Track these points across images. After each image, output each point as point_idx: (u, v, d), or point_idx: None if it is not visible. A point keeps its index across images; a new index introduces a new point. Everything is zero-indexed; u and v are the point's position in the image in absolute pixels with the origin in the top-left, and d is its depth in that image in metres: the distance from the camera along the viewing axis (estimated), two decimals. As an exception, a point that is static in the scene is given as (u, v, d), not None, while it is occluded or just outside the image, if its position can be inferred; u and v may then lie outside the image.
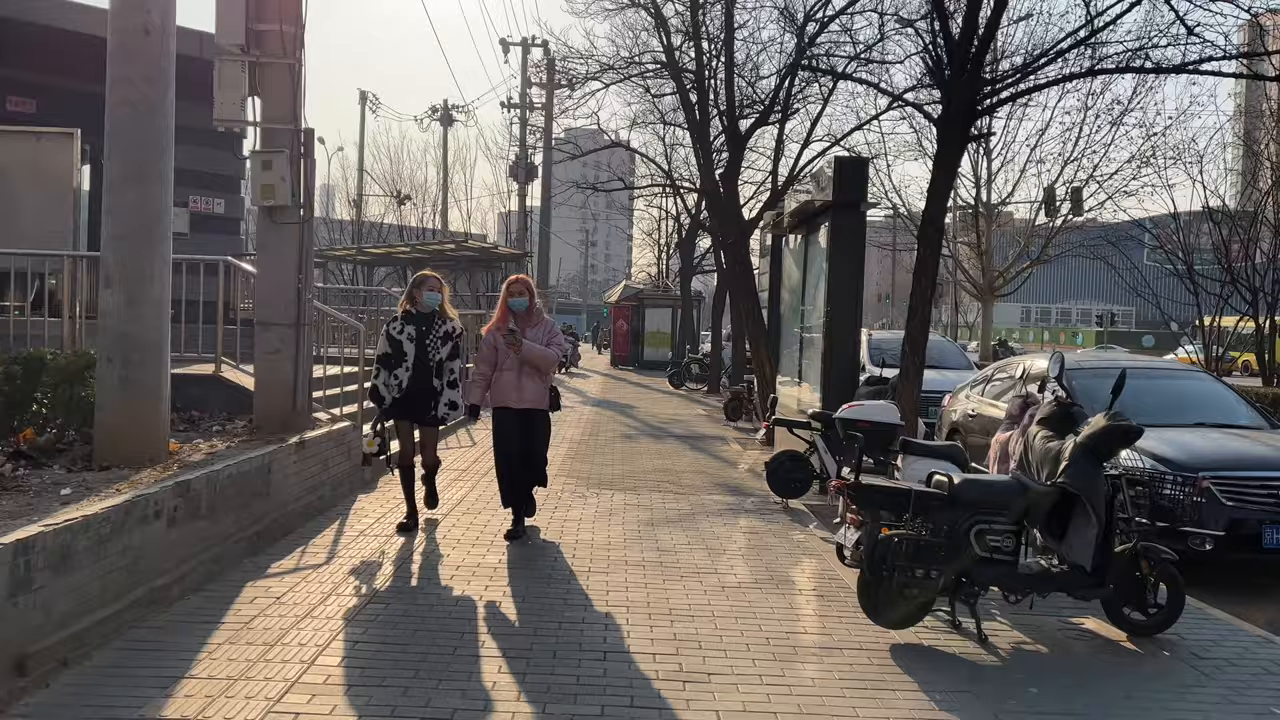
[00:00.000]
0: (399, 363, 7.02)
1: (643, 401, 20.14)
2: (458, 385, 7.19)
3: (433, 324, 7.10)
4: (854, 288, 9.50)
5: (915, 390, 8.13)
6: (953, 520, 5.00)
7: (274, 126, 8.16)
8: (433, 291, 7.18)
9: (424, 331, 7.07)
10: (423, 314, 7.13)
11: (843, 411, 6.80)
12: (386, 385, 7.07)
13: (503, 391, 6.92)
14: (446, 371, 7.13)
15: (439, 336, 7.08)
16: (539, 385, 6.96)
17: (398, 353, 7.03)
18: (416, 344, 7.02)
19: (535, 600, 5.47)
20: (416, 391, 7.03)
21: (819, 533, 7.62)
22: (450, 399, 7.15)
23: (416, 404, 7.07)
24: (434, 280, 7.26)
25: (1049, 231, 29.60)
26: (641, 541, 7.01)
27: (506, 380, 6.90)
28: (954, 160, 7.95)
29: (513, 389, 6.89)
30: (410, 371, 7.02)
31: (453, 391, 7.15)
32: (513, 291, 7.01)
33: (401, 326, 7.10)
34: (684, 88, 17.09)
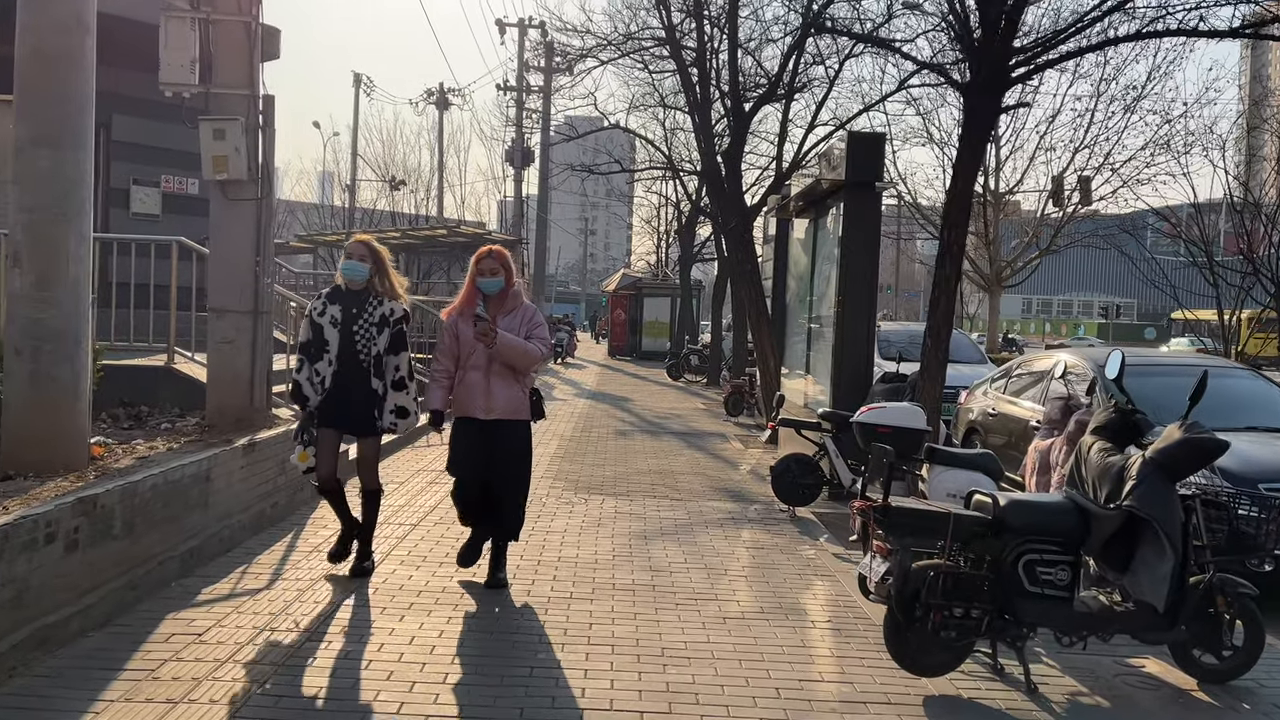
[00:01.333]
0: (320, 353, 5.40)
1: (639, 394, 19.35)
2: (407, 386, 5.56)
3: (364, 304, 5.40)
4: (868, 275, 8.72)
5: (938, 389, 7.34)
6: (998, 549, 4.22)
7: (228, 92, 7.36)
8: (355, 260, 5.41)
9: (352, 314, 5.38)
10: (351, 291, 5.43)
11: (861, 415, 6.01)
12: (310, 381, 5.42)
13: (466, 397, 5.33)
14: (390, 369, 5.48)
15: (372, 322, 5.38)
16: (515, 389, 5.33)
17: (318, 340, 5.41)
18: (341, 330, 5.36)
19: (505, 638, 4.68)
20: (345, 392, 5.40)
21: (831, 547, 6.83)
22: (397, 404, 5.51)
23: (348, 409, 5.42)
24: (359, 246, 5.48)
25: (1058, 221, 28.76)
26: (632, 559, 6.22)
27: (472, 382, 5.30)
28: (983, 134, 7.16)
29: (479, 394, 5.28)
30: (334, 366, 5.38)
31: (400, 394, 5.52)
32: (483, 269, 5.31)
33: (324, 306, 5.45)
34: (684, 65, 16.25)
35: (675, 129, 26.20)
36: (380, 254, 5.50)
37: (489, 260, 5.35)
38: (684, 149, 25.88)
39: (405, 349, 5.55)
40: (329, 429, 5.50)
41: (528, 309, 5.45)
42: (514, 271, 5.41)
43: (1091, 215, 29.45)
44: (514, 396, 5.34)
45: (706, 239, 31.15)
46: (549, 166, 33.40)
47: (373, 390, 5.45)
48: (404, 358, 5.55)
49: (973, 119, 7.03)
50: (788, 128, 15.87)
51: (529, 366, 5.40)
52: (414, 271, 28.83)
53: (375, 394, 5.46)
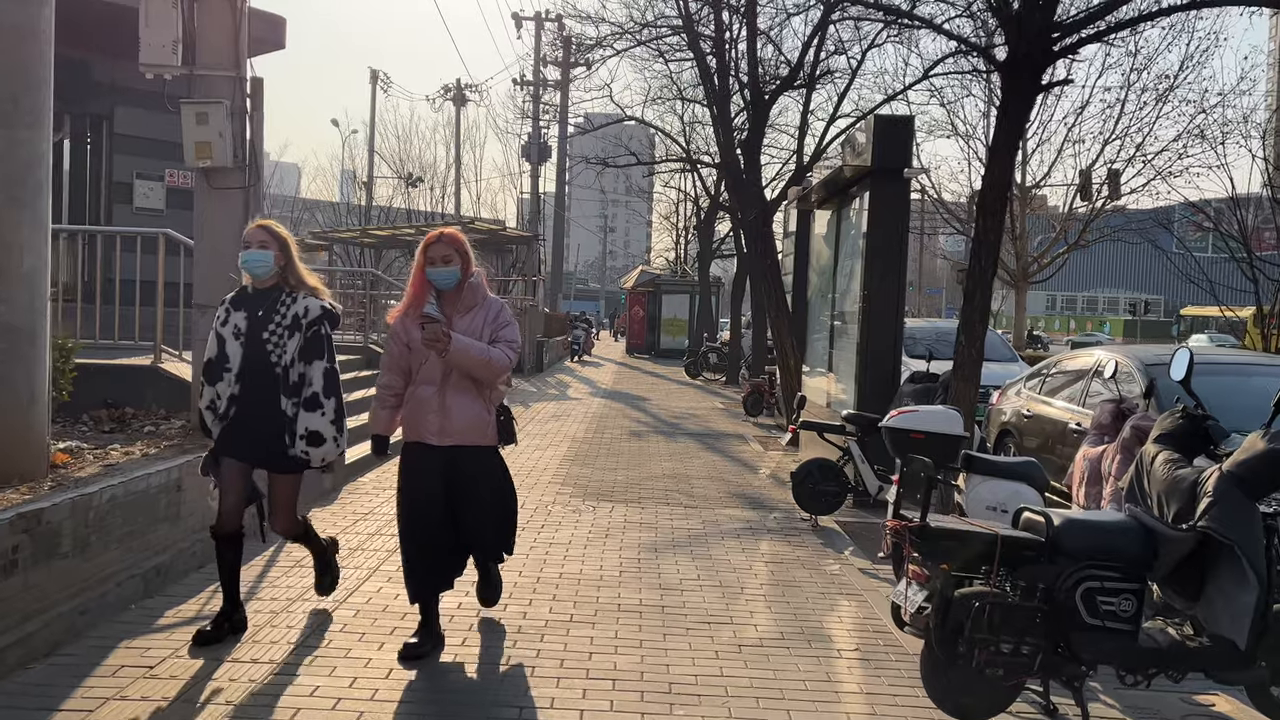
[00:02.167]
0: (219, 373, 4.29)
1: (656, 393, 18.85)
2: (322, 404, 4.32)
3: (273, 306, 4.31)
4: (896, 268, 8.20)
5: (974, 390, 6.80)
6: (1052, 575, 3.68)
7: (212, 74, 6.92)
8: (255, 249, 4.30)
9: (259, 319, 4.30)
10: (258, 291, 4.36)
11: (892, 419, 5.48)
12: (212, 409, 4.36)
13: (417, 417, 4.32)
14: (305, 383, 4.32)
15: (284, 325, 4.28)
16: (477, 408, 4.30)
17: (219, 357, 4.30)
18: (246, 339, 4.29)
19: (493, 671, 4.19)
20: (247, 416, 4.29)
21: (856, 561, 6.31)
22: (309, 428, 4.29)
23: (251, 437, 4.30)
24: (258, 232, 4.37)
25: (1088, 215, 27.98)
26: (641, 575, 5.73)
27: (423, 399, 4.29)
28: (1022, 114, 6.61)
29: (432, 413, 4.27)
30: (237, 384, 4.27)
31: (313, 415, 4.29)
32: (433, 256, 4.24)
33: (227, 314, 4.35)
34: (702, 55, 15.74)
35: (693, 122, 25.69)
36: (286, 239, 4.40)
37: (440, 246, 4.24)
38: (703, 142, 25.36)
39: (322, 357, 4.34)
40: (231, 460, 4.35)
41: (492, 304, 4.35)
42: (472, 259, 4.33)
43: (1119, 210, 28.67)
44: (476, 416, 4.29)
45: (726, 235, 30.60)
46: (566, 161, 32.94)
47: (282, 412, 4.29)
48: (319, 369, 4.33)
49: (1011, 98, 6.48)
50: (809, 119, 15.37)
51: (494, 378, 4.32)
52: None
53: (284, 416, 4.29)
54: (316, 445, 4.36)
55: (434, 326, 4.10)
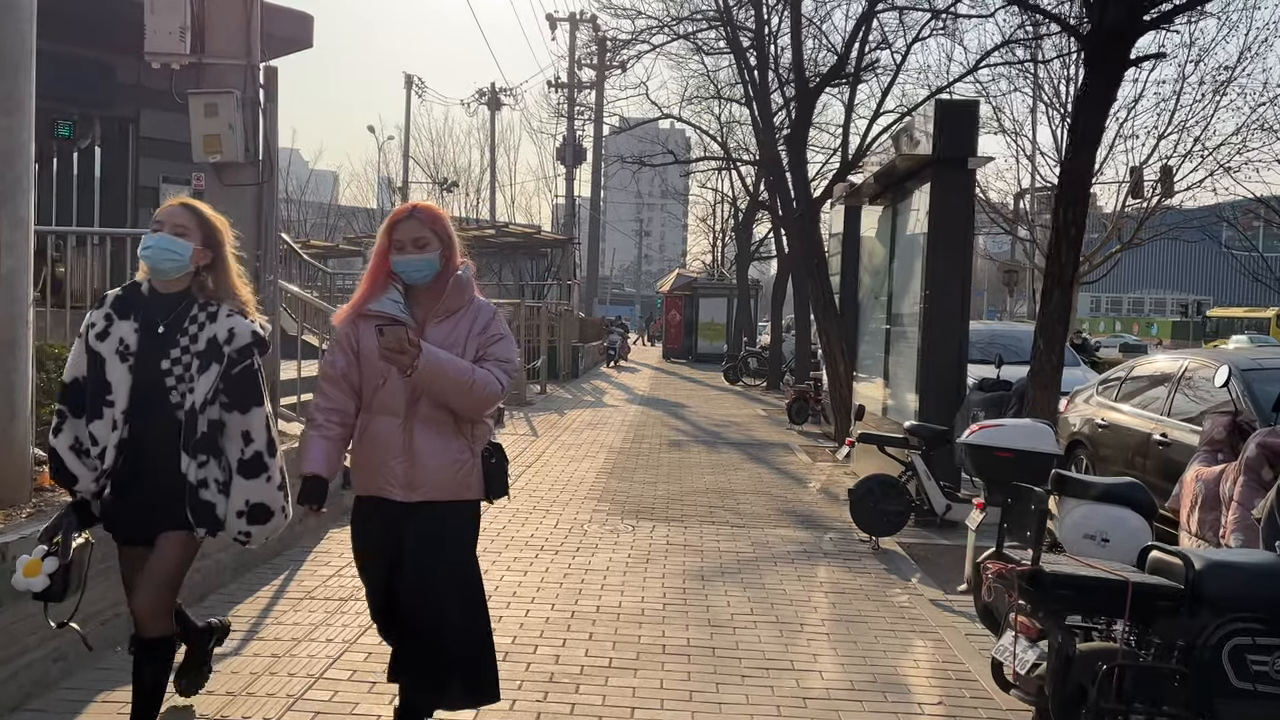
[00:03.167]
0: (98, 406, 2.99)
1: (695, 399, 18.24)
2: (266, 467, 3.12)
3: (181, 319, 3.05)
4: (960, 266, 7.55)
5: (1054, 399, 6.13)
6: (1194, 630, 3.05)
7: (221, 62, 6.47)
8: (167, 234, 3.03)
9: (157, 337, 3.02)
10: (160, 295, 3.08)
11: (973, 435, 4.84)
12: (78, 451, 3.04)
13: (373, 460, 3.11)
14: (233, 438, 3.08)
15: (195, 351, 3.01)
16: (455, 450, 3.11)
17: (96, 382, 3.01)
18: (137, 362, 3.01)
19: (522, 727, 3.63)
20: (142, 475, 3.03)
21: (927, 591, 5.67)
22: (251, 500, 3.10)
23: (144, 504, 3.04)
24: (176, 211, 3.10)
25: (1142, 213, 26.94)
26: (687, 608, 5.13)
27: (382, 436, 3.09)
28: (1107, 93, 5.95)
29: (394, 455, 3.07)
30: (125, 427, 2.99)
31: (257, 483, 3.11)
32: (400, 238, 3.08)
33: (107, 322, 3.04)
34: (742, 50, 15.14)
35: (730, 122, 25.09)
36: (217, 228, 3.14)
37: (410, 224, 3.06)
38: (741, 141, 24.76)
39: (260, 402, 3.09)
40: (129, 547, 3.15)
41: (481, 310, 3.16)
42: (457, 245, 3.15)
43: (1171, 208, 27.63)
44: (454, 461, 3.08)
45: (765, 235, 29.92)
46: (602, 163, 32.48)
47: (182, 475, 2.99)
48: (258, 418, 3.09)
49: (1096, 75, 5.82)
50: (853, 109, 14.68)
51: (478, 410, 3.09)
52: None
53: (187, 482, 2.99)
54: (261, 522, 3.10)
55: (396, 332, 2.86)
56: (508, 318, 17.45)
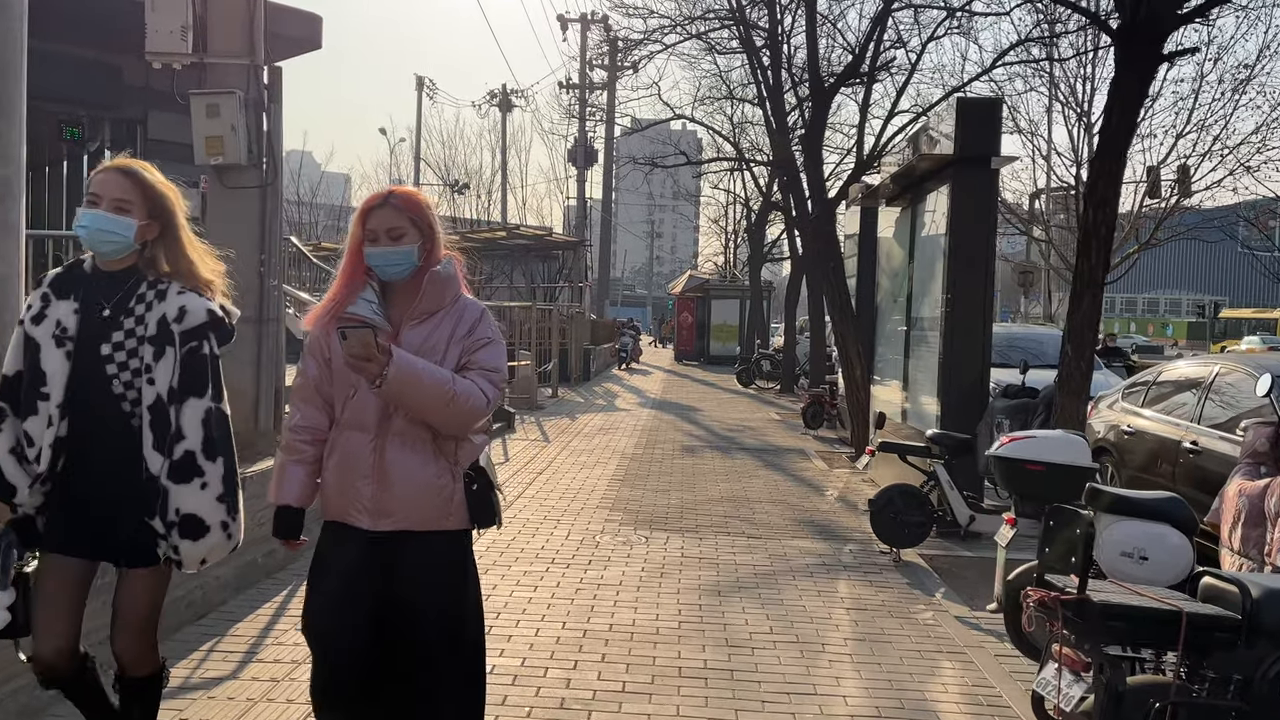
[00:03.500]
0: (32, 399, 2.59)
1: (707, 403, 18.03)
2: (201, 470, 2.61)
3: (127, 299, 2.65)
4: (982, 268, 7.33)
5: (1082, 406, 5.91)
6: (1251, 662, 2.83)
7: (224, 61, 6.30)
8: (105, 212, 2.59)
9: (101, 321, 2.62)
10: (104, 274, 2.68)
11: (1003, 448, 4.63)
12: (21, 457, 2.62)
13: (340, 481, 2.70)
14: (180, 429, 2.60)
15: (143, 335, 2.61)
16: (434, 470, 2.68)
17: (32, 371, 2.61)
18: (76, 349, 2.62)
19: (531, 759, 3.44)
20: (86, 480, 2.63)
21: (952, 606, 5.46)
22: (183, 509, 2.58)
23: (91, 515, 2.63)
24: (113, 178, 2.63)
25: (1159, 213, 26.61)
26: (704, 626, 4.93)
27: (351, 453, 2.68)
28: (1139, 89, 5.73)
29: (363, 477, 2.66)
30: (63, 422, 2.60)
31: (187, 489, 2.59)
32: (374, 227, 2.68)
33: (43, 304, 2.65)
34: (755, 49, 14.95)
35: (743, 122, 24.88)
36: (163, 195, 2.68)
37: (385, 211, 2.67)
38: (754, 141, 24.55)
39: (202, 392, 2.62)
40: (59, 556, 2.64)
41: (468, 309, 2.74)
42: (439, 236, 2.75)
43: (1189, 208, 27.30)
44: (430, 484, 2.65)
45: (778, 236, 29.70)
46: (614, 164, 32.32)
47: (149, 474, 2.59)
48: (194, 412, 2.60)
49: (1128, 71, 5.60)
50: (868, 114, 14.47)
51: (460, 425, 2.66)
52: (475, 276, 27.97)
53: (146, 481, 2.58)
54: (195, 537, 2.58)
55: (360, 335, 2.45)
56: (519, 320, 17.09)
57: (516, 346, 16.38)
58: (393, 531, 2.63)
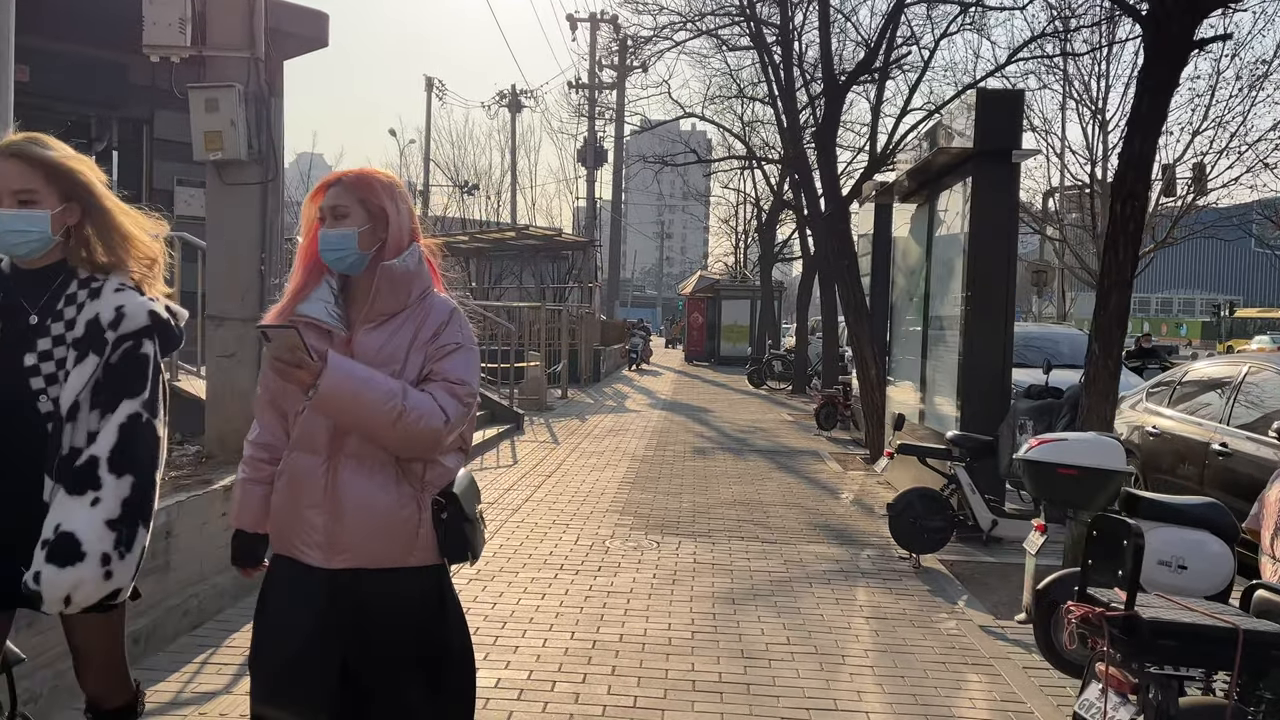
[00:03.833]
0: None
1: (718, 404, 17.83)
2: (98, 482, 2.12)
3: (56, 298, 2.24)
4: (1004, 265, 7.11)
5: (1111, 409, 5.69)
6: (1312, 684, 2.63)
7: (223, 54, 6.13)
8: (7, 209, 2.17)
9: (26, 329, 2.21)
10: (25, 273, 2.26)
11: (1033, 451, 4.42)
12: None
13: (289, 510, 2.31)
14: (95, 433, 2.16)
15: (74, 338, 2.19)
16: (392, 496, 2.27)
17: None
18: None
19: (538, 781, 3.25)
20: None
21: (976, 615, 5.25)
22: (65, 526, 2.09)
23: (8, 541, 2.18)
24: (14, 172, 2.17)
25: (1176, 211, 26.30)
26: (718, 637, 4.74)
27: (300, 473, 2.30)
28: (1170, 76, 5.51)
29: (312, 505, 2.28)
30: None
31: (75, 503, 2.11)
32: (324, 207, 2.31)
33: None
34: (766, 45, 14.75)
35: (753, 121, 24.69)
36: (72, 169, 2.25)
37: (335, 189, 2.31)
38: (765, 140, 24.35)
39: (136, 393, 2.19)
40: None
41: (436, 309, 2.35)
42: (396, 217, 2.33)
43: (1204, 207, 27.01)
44: (389, 513, 2.26)
45: (789, 236, 29.48)
46: (623, 163, 32.14)
47: (30, 498, 2.20)
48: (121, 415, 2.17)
49: (1159, 58, 5.39)
50: (880, 110, 14.26)
51: (415, 448, 2.26)
52: (485, 277, 27.84)
53: (41, 508, 2.18)
54: (63, 563, 2.06)
55: (283, 336, 2.10)
56: (528, 320, 16.88)
57: (526, 347, 16.22)
58: (350, 569, 2.24)
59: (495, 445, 10.96)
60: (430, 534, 2.29)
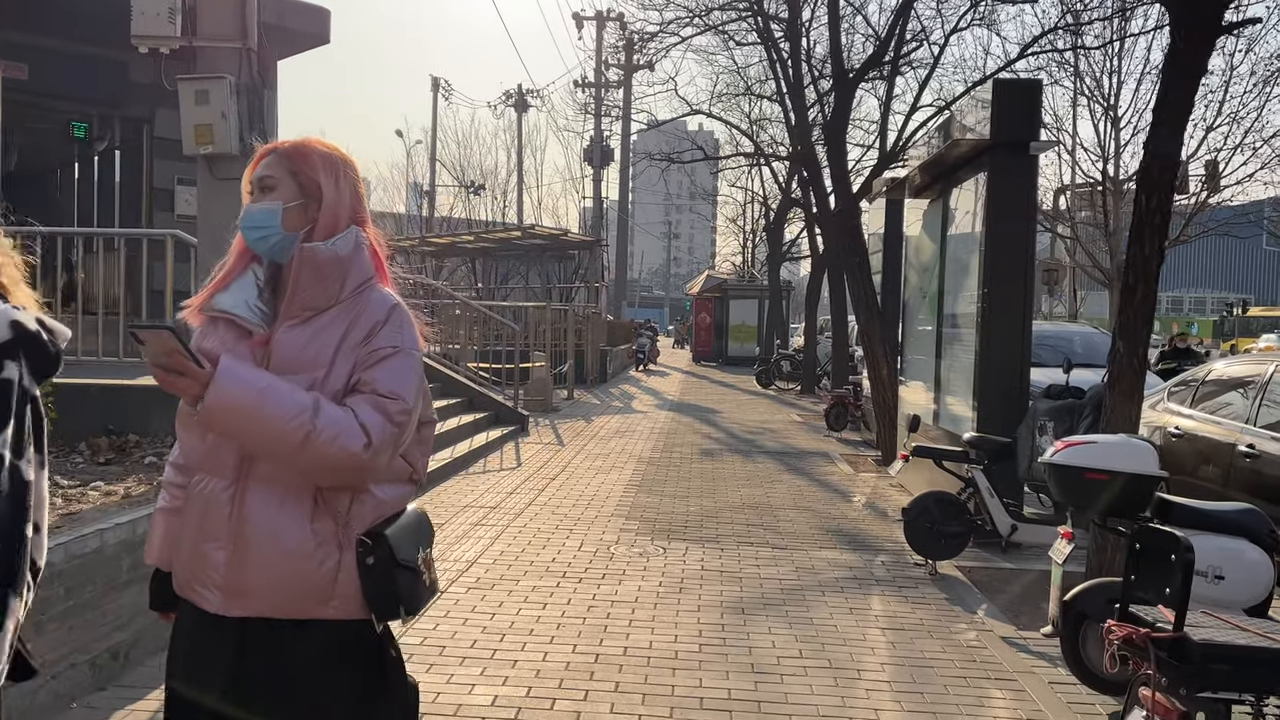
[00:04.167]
0: None
1: (726, 404, 17.60)
2: None
3: None
4: (1022, 261, 6.89)
5: (1137, 409, 5.45)
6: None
7: (214, 45, 5.95)
8: None
9: None
10: None
11: (1059, 454, 4.19)
12: None
13: (189, 543, 1.93)
14: None
15: None
16: (308, 532, 1.86)
17: None
18: None
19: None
20: None
21: (996, 626, 5.02)
22: None
23: None
24: None
25: (1190, 208, 25.98)
26: (726, 649, 4.52)
27: (205, 501, 1.91)
28: (1198, 61, 5.27)
29: (213, 536, 1.88)
30: None
31: None
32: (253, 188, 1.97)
33: None
34: (775, 40, 14.55)
35: (761, 119, 24.46)
36: None
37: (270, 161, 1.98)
38: (772, 138, 24.13)
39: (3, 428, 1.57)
40: None
41: (371, 305, 1.95)
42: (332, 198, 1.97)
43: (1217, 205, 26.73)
44: (298, 556, 1.86)
45: (797, 234, 29.24)
46: (630, 162, 31.94)
47: None
48: None
49: (1186, 42, 5.16)
50: (890, 107, 14.06)
51: (329, 475, 1.86)
52: (491, 277, 27.66)
53: None
54: None
55: (157, 338, 1.72)
56: (534, 320, 16.73)
57: (531, 348, 16.02)
58: (250, 620, 1.85)
59: (499, 447, 10.76)
60: (352, 581, 1.87)
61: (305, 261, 1.91)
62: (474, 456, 9.90)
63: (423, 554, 1.96)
